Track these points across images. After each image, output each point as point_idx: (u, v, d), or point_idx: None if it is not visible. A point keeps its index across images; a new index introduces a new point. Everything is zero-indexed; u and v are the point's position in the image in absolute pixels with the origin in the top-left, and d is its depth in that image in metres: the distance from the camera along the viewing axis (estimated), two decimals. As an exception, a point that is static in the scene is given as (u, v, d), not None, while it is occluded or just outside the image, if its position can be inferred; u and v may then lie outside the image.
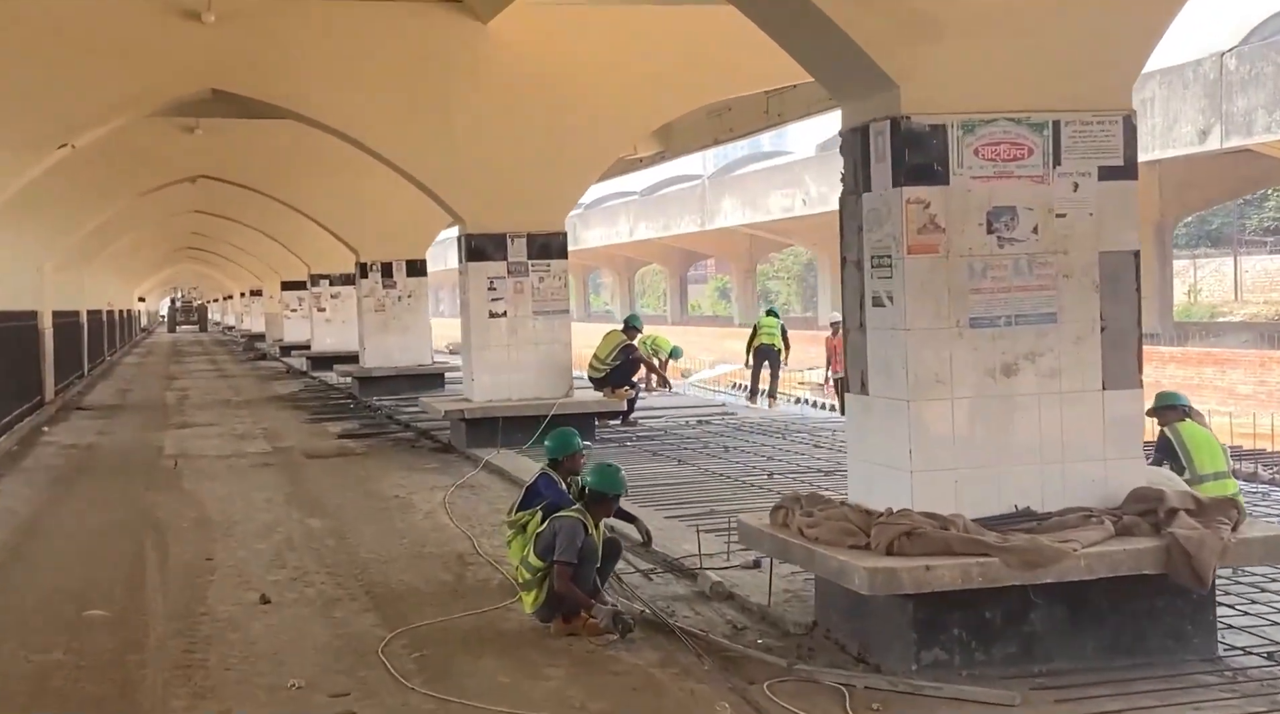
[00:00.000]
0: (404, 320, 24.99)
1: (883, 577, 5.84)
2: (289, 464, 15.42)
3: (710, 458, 14.07)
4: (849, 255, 6.86)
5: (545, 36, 15.77)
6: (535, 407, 15.76)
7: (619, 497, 7.55)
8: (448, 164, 16.02)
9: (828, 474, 12.48)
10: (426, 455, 15.88)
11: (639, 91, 16.37)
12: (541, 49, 15.77)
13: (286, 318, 42.44)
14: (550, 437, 8.58)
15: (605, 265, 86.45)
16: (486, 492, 12.72)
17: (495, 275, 16.10)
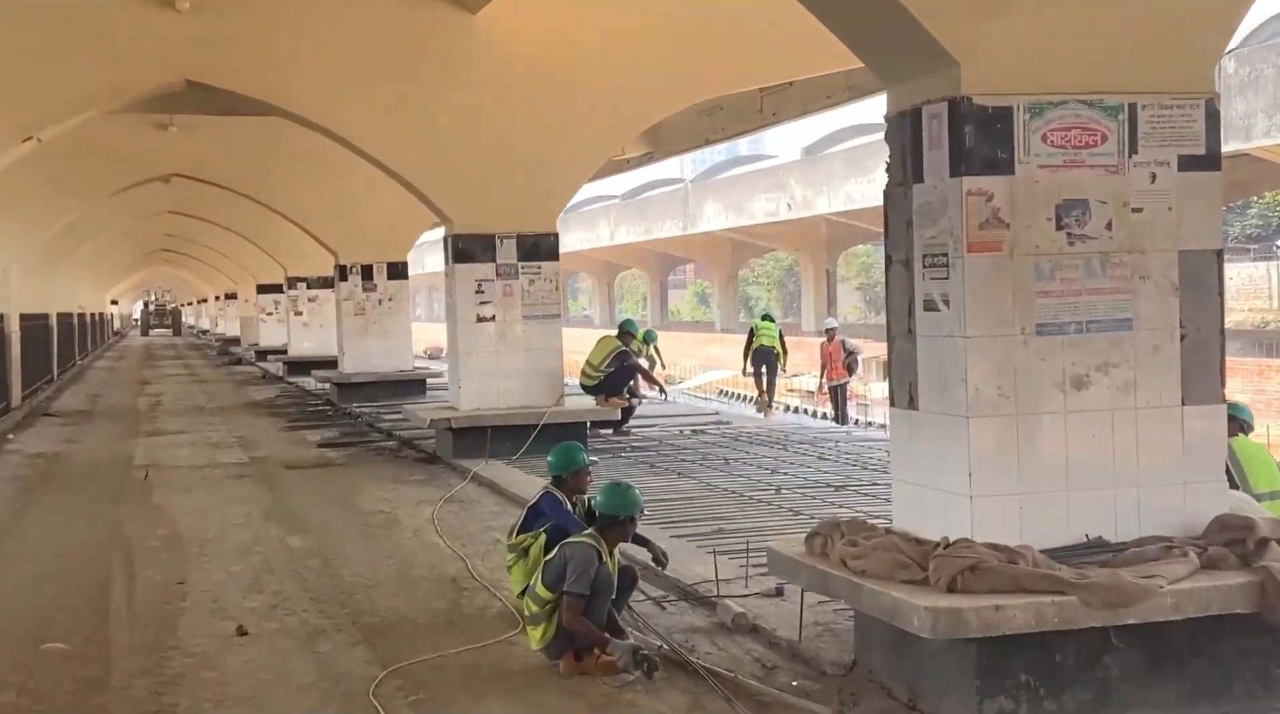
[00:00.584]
0: (384, 324, 24.23)
1: (946, 618, 5.15)
2: (266, 475, 14.66)
3: (711, 470, 13.37)
4: (895, 254, 6.17)
5: (536, 29, 15.08)
6: (525, 415, 15.07)
7: (635, 520, 6.83)
8: (433, 161, 15.29)
9: (838, 489, 11.81)
10: (411, 466, 15.14)
11: (633, 86, 15.67)
12: (532, 41, 15.08)
13: (262, 322, 41.69)
14: (554, 452, 7.89)
15: (585, 269, 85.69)
16: (477, 507, 12.00)
17: (483, 278, 15.38)
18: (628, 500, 6.77)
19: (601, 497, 6.79)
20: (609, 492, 6.79)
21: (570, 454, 7.78)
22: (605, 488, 6.87)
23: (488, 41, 14.92)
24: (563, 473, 7.74)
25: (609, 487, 6.87)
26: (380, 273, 24.23)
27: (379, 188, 23.14)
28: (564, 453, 7.81)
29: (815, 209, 47.41)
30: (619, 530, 6.73)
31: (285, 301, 35.40)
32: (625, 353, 16.40)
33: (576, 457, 7.77)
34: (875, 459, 13.80)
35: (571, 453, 7.78)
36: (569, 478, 7.75)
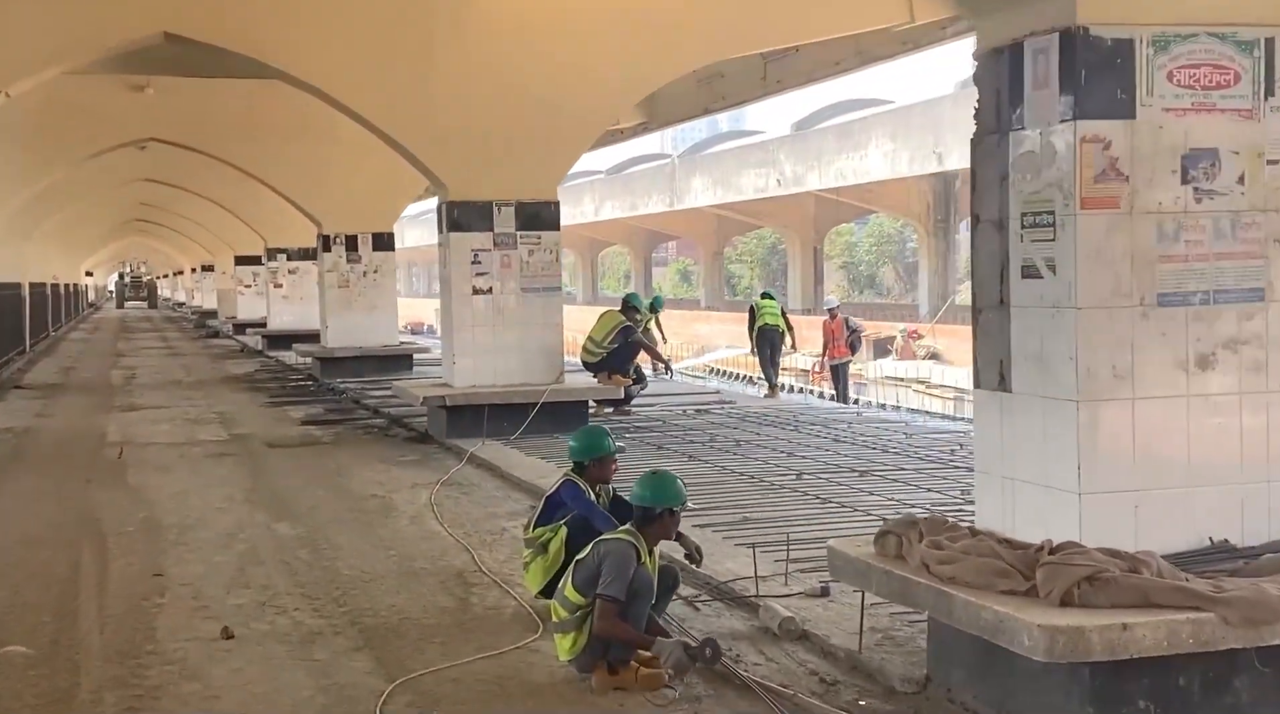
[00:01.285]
0: (369, 297, 23.37)
1: (1066, 638, 4.37)
2: (249, 454, 13.83)
3: (722, 453, 12.60)
4: (983, 213, 5.37)
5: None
6: (523, 393, 14.28)
7: (676, 514, 6.03)
8: (428, 123, 14.42)
9: (862, 474, 11.04)
10: (402, 446, 14.33)
11: (636, 48, 14.79)
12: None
13: (240, 294, 40.85)
14: (576, 435, 7.12)
15: (567, 246, 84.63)
16: (476, 491, 11.19)
17: (480, 248, 14.55)
18: (670, 491, 5.98)
19: (639, 487, 5.99)
20: (648, 482, 5.99)
21: (595, 438, 7.01)
22: (643, 478, 6.07)
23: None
24: (586, 459, 6.97)
25: (647, 476, 6.07)
26: (365, 244, 23.36)
27: (365, 155, 22.29)
28: (588, 437, 7.03)
29: (806, 185, 46.59)
30: (659, 526, 5.93)
31: (265, 274, 34.56)
32: (629, 328, 15.58)
33: (602, 441, 6.99)
34: (894, 442, 13.06)
35: (596, 437, 7.01)
36: (592, 465, 6.98)
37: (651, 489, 5.97)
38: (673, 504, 5.95)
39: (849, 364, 21.34)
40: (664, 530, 5.97)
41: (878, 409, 16.55)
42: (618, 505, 7.03)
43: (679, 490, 6.00)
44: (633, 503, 5.99)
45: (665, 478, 6.05)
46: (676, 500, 5.97)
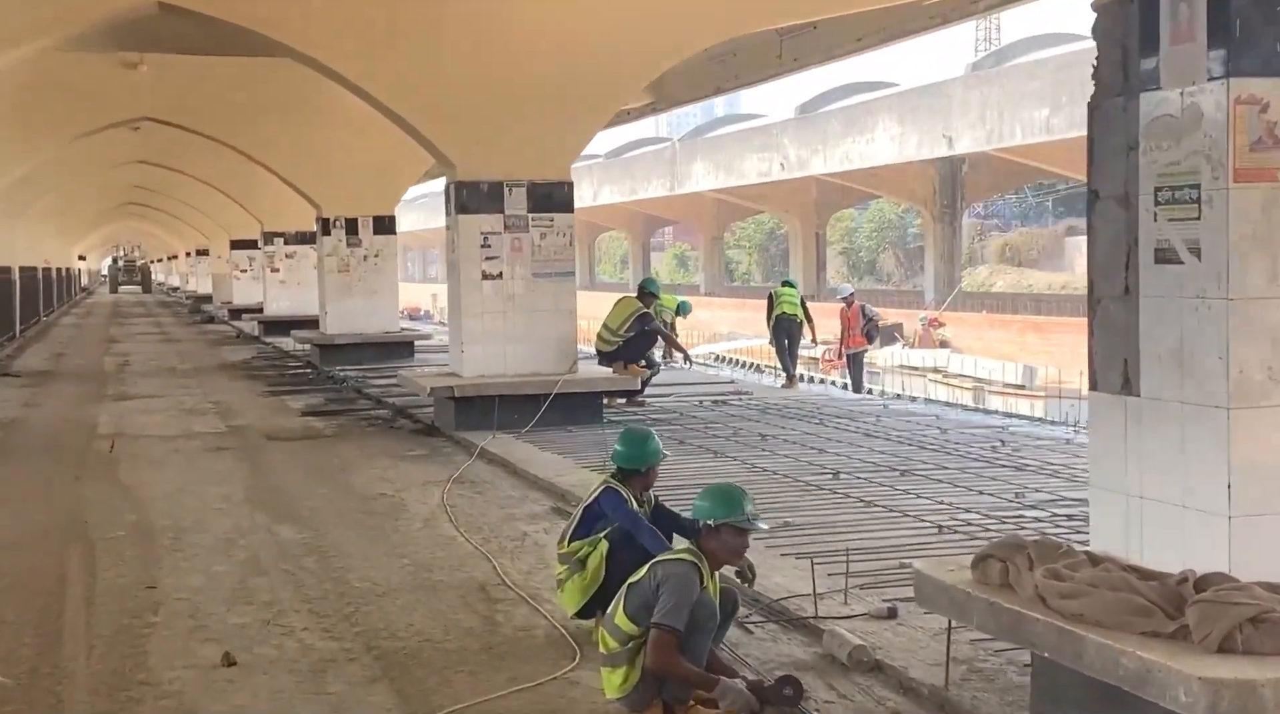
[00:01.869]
0: (370, 282, 22.64)
1: (1233, 694, 3.66)
2: (247, 448, 13.11)
3: (748, 448, 11.89)
4: (1104, 187, 4.67)
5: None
6: (535, 384, 13.58)
7: (748, 531, 5.29)
8: (436, 100, 13.71)
9: (903, 473, 10.33)
10: (408, 439, 13.61)
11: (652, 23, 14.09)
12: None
13: (236, 279, 40.15)
14: (623, 439, 6.40)
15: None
16: (491, 489, 10.48)
17: (490, 230, 13.83)
18: (740, 504, 5.24)
19: (705, 501, 5.26)
20: (717, 496, 5.25)
21: (644, 444, 6.29)
22: (710, 491, 5.33)
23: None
24: (634, 466, 6.25)
25: (716, 490, 5.33)
26: (366, 227, 22.63)
27: (366, 136, 21.60)
28: (636, 442, 6.32)
29: (810, 169, 45.85)
30: (727, 548, 5.20)
31: (261, 258, 33.90)
32: (646, 316, 14.84)
33: (652, 448, 6.29)
34: (929, 437, 12.36)
35: (646, 442, 6.30)
36: (638, 474, 6.26)
37: (722, 504, 5.24)
38: (742, 517, 5.22)
39: (864, 353, 20.62)
40: (732, 552, 5.25)
41: (905, 401, 15.85)
42: (660, 516, 6.34)
43: (748, 503, 5.27)
44: (696, 518, 5.26)
45: (735, 493, 5.32)
46: (742, 510, 5.24)
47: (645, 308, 14.89)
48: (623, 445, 6.30)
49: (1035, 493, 9.36)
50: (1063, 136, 33.26)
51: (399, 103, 13.66)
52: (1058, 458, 11.00)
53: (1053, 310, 40.91)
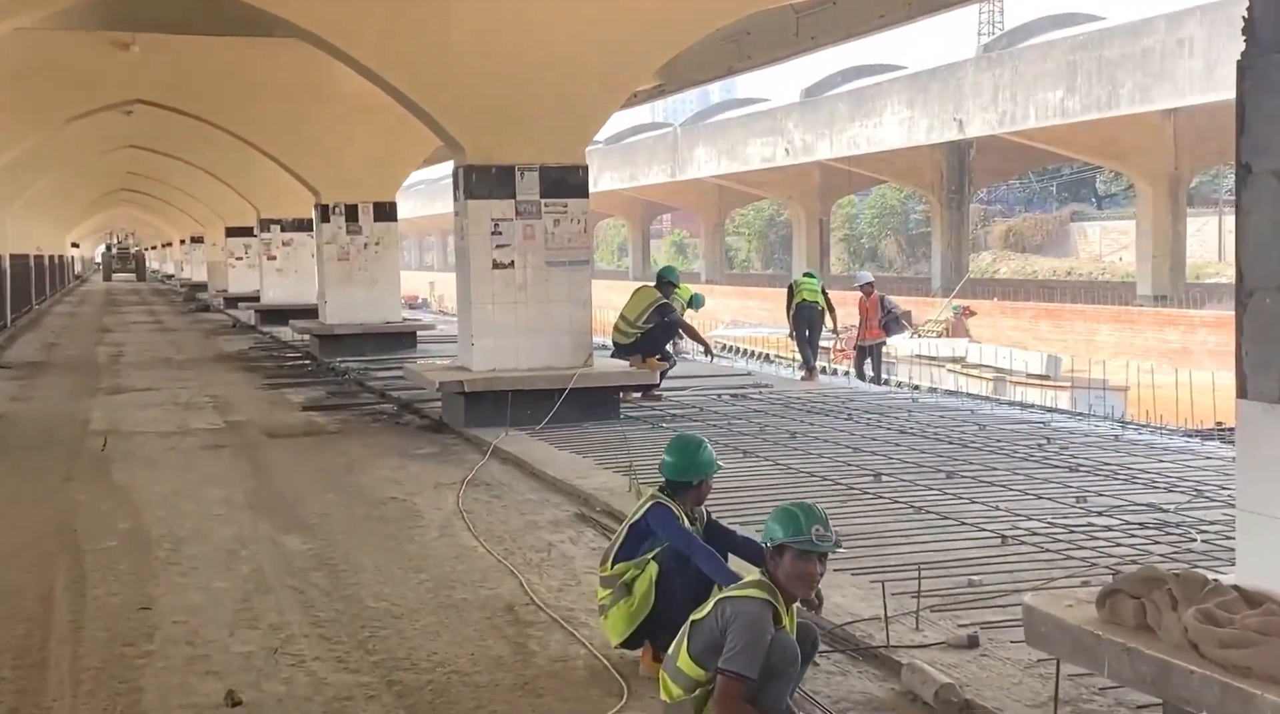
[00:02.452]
0: (371, 271, 21.95)
1: None
2: (247, 446, 12.44)
3: (778, 447, 11.24)
4: (1260, 160, 4.03)
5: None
6: (549, 378, 12.92)
7: (815, 555, 4.62)
8: (444, 80, 13.04)
9: (950, 475, 9.68)
10: (415, 435, 12.96)
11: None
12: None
13: (231, 267, 39.51)
14: (672, 448, 5.72)
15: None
16: (509, 492, 9.83)
17: (500, 217, 13.15)
18: (808, 522, 4.58)
19: (777, 523, 4.59)
20: (790, 517, 4.57)
21: (696, 454, 5.62)
22: (783, 512, 4.64)
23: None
24: (685, 479, 5.58)
25: (789, 510, 4.64)
26: (366, 214, 21.94)
27: (366, 119, 20.94)
28: (687, 451, 5.64)
29: (815, 154, 45.13)
30: (793, 570, 4.52)
31: (257, 245, 33.29)
32: (666, 306, 14.15)
33: (705, 458, 5.61)
34: (968, 434, 11.71)
35: (698, 452, 5.63)
36: (691, 486, 5.60)
37: (781, 523, 4.58)
38: (806, 544, 4.54)
39: (882, 346, 19.95)
40: (798, 580, 4.56)
41: (934, 394, 15.18)
42: (713, 534, 5.67)
43: (822, 525, 4.60)
44: (766, 542, 4.60)
45: (797, 511, 4.64)
46: (812, 526, 4.55)
47: (665, 298, 14.19)
48: (672, 456, 5.64)
49: (1098, 497, 8.71)
50: (1078, 119, 32.60)
51: (406, 84, 12.99)
52: (1111, 456, 10.36)
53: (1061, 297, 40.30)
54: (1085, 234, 71.16)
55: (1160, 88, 29.32)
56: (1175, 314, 30.76)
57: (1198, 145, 37.04)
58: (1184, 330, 29.91)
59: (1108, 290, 43.71)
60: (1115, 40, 30.98)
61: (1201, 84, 28.26)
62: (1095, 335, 32.82)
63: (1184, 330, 29.91)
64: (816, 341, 17.76)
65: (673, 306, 14.24)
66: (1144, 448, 10.89)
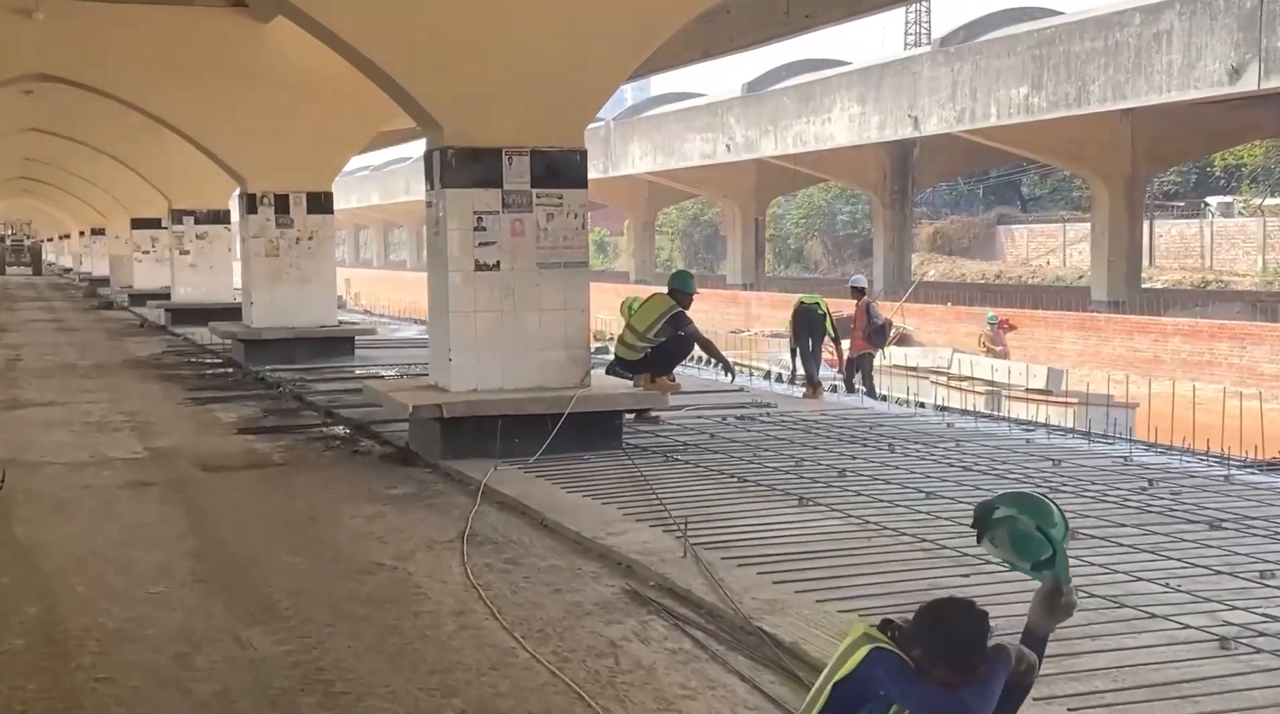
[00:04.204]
0: (303, 269, 19.66)
1: None
2: (178, 483, 10.28)
3: (831, 489, 9.29)
4: None
5: None
6: (543, 401, 10.90)
7: None
8: (418, 42, 10.97)
9: (1070, 532, 7.82)
10: (381, 469, 10.89)
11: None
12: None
13: (137, 261, 36.84)
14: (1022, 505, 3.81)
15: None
16: (524, 553, 7.80)
17: (485, 209, 11.10)
18: None
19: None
20: None
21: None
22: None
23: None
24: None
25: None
26: (298, 205, 19.63)
27: (301, 100, 18.76)
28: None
29: (759, 151, 43.39)
30: None
31: (167, 238, 30.83)
32: (681, 316, 12.10)
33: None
34: (1044, 472, 9.91)
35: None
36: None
37: None
38: None
39: (870, 359, 18.14)
40: None
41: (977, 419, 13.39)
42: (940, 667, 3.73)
43: None
44: None
45: None
46: None
47: (679, 307, 12.12)
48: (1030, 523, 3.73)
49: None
50: (1044, 116, 31.14)
51: (373, 47, 10.87)
52: (1239, 505, 8.62)
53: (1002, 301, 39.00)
54: (1012, 237, 70.51)
55: (1135, 84, 27.94)
56: (1146, 321, 29.45)
57: (1156, 146, 35.87)
58: (1155, 338, 28.58)
59: (1053, 294, 42.48)
60: (1084, 34, 29.56)
61: (1180, 80, 26.90)
62: (1058, 342, 31.44)
63: (1155, 338, 28.58)
64: (820, 350, 15.90)
65: (688, 318, 12.17)
66: (1266, 492, 9.16)
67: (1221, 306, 34.70)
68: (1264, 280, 46.66)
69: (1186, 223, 57.92)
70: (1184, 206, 60.68)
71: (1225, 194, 60.86)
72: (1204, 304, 35.74)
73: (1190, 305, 35.39)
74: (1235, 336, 27.00)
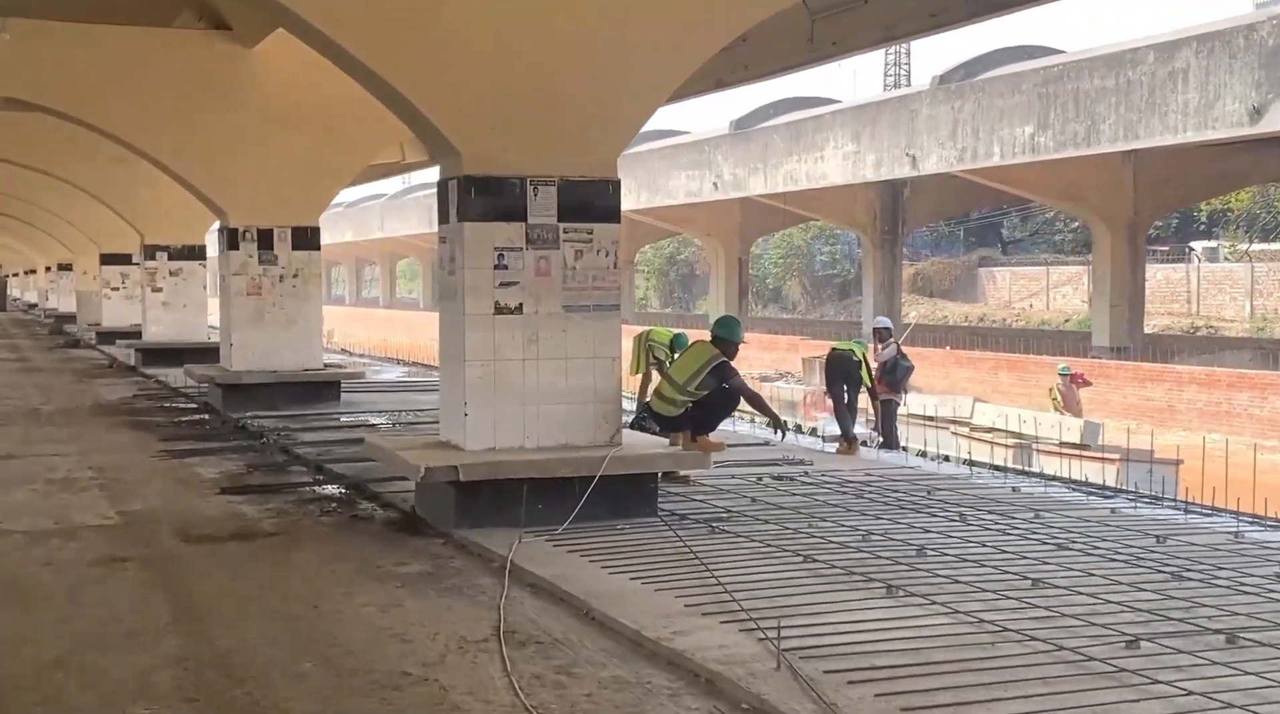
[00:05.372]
0: (287, 308, 18.35)
1: None
2: (157, 560, 8.92)
3: (915, 573, 8.05)
4: None
5: None
6: (572, 462, 9.64)
7: None
8: (438, 62, 9.73)
9: (1229, 638, 6.60)
10: (388, 540, 9.55)
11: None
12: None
13: (106, 297, 35.46)
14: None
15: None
16: (577, 658, 6.49)
17: (506, 245, 9.87)
18: None
19: None
20: None
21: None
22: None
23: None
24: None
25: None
26: (283, 241, 18.34)
27: (289, 129, 17.56)
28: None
29: (748, 189, 42.30)
30: None
31: (139, 275, 29.52)
32: (725, 367, 10.77)
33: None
34: (1158, 555, 8.67)
35: None
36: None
37: None
38: None
39: (893, 406, 16.91)
40: None
41: (1045, 482, 12.14)
42: None
43: None
44: None
45: None
46: None
47: (723, 355, 10.80)
48: None
49: None
50: (1052, 156, 30.13)
51: (381, 60, 9.62)
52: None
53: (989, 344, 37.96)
54: (994, 279, 69.82)
55: (1148, 123, 26.97)
56: (1160, 369, 28.38)
57: (1158, 189, 34.95)
58: (1170, 387, 27.52)
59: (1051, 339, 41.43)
60: (1094, 72, 28.60)
61: (1197, 120, 25.93)
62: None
63: (1170, 387, 27.52)
64: (855, 403, 14.70)
65: (734, 369, 10.84)
66: None
67: (1231, 355, 33.68)
68: (1254, 327, 45.87)
69: (1172, 267, 57.21)
70: (1168, 251, 60.04)
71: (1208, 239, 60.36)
72: (1211, 351, 34.72)
73: (1197, 352, 34.38)
74: (1256, 386, 25.93)
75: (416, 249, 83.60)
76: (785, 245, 75.73)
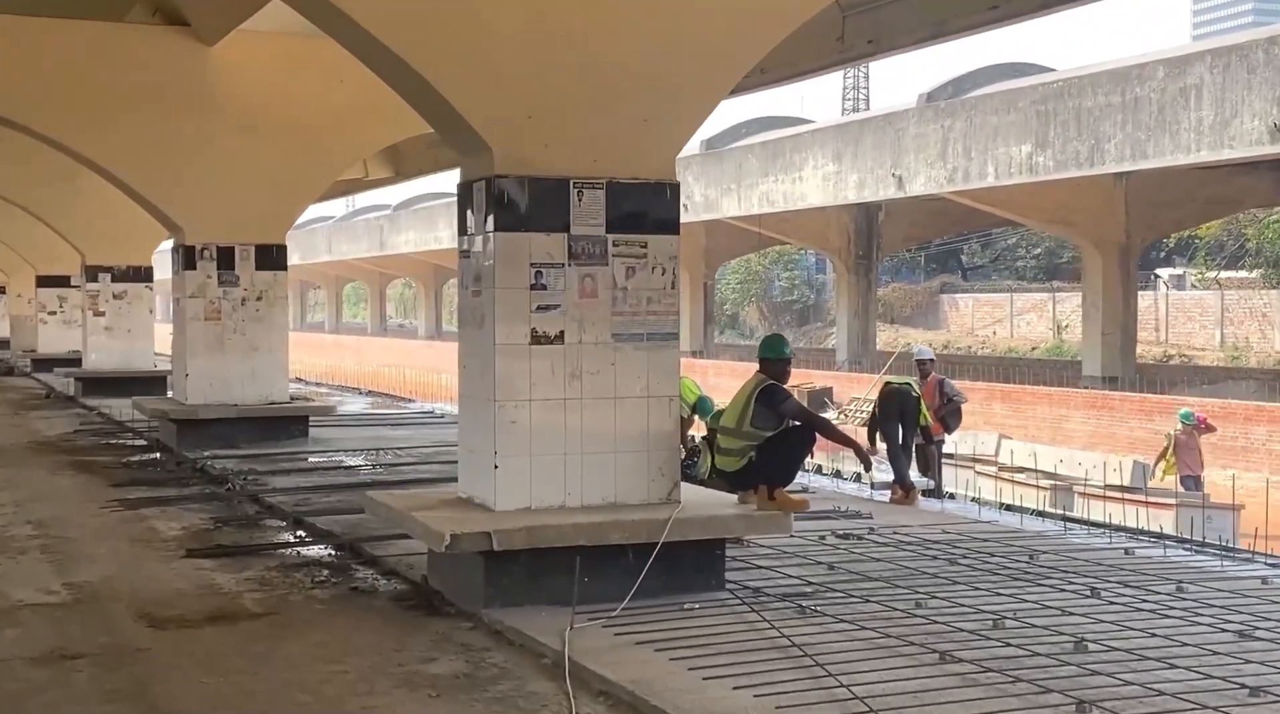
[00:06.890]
0: (250, 335, 16.48)
1: None
2: (116, 655, 7.04)
3: (1054, 664, 6.41)
4: None
5: None
6: (627, 526, 7.88)
7: None
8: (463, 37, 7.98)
9: None
10: (398, 621, 7.76)
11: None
12: None
13: (42, 322, 33.45)
14: None
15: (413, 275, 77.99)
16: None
17: (545, 261, 8.12)
18: None
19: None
20: None
21: None
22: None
23: None
24: None
25: None
26: (246, 259, 16.48)
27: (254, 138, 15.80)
28: None
29: (721, 211, 40.70)
30: None
31: (78, 298, 27.54)
32: (773, 389, 8.52)
33: None
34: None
35: None
36: None
37: None
38: None
39: (941, 444, 15.31)
40: None
41: (1153, 543, 10.49)
42: None
43: None
44: None
45: None
46: None
47: (773, 381, 8.68)
48: None
49: None
50: (1051, 177, 28.74)
51: (404, 40, 7.86)
52: None
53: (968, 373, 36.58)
54: (956, 306, 68.85)
55: (1158, 142, 25.65)
56: (1169, 401, 26.97)
57: (1150, 213, 33.71)
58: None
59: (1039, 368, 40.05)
60: (1098, 89, 27.26)
61: (1212, 139, 24.62)
62: (1064, 422, 28.90)
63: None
64: (911, 444, 13.07)
65: (785, 391, 8.64)
66: None
67: (1231, 385, 32.40)
68: (1227, 355, 44.87)
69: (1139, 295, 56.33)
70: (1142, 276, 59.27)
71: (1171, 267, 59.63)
72: (1211, 381, 33.45)
73: (1196, 382, 33.08)
74: (1275, 420, 24.56)
75: (363, 272, 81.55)
76: (743, 271, 74.42)
